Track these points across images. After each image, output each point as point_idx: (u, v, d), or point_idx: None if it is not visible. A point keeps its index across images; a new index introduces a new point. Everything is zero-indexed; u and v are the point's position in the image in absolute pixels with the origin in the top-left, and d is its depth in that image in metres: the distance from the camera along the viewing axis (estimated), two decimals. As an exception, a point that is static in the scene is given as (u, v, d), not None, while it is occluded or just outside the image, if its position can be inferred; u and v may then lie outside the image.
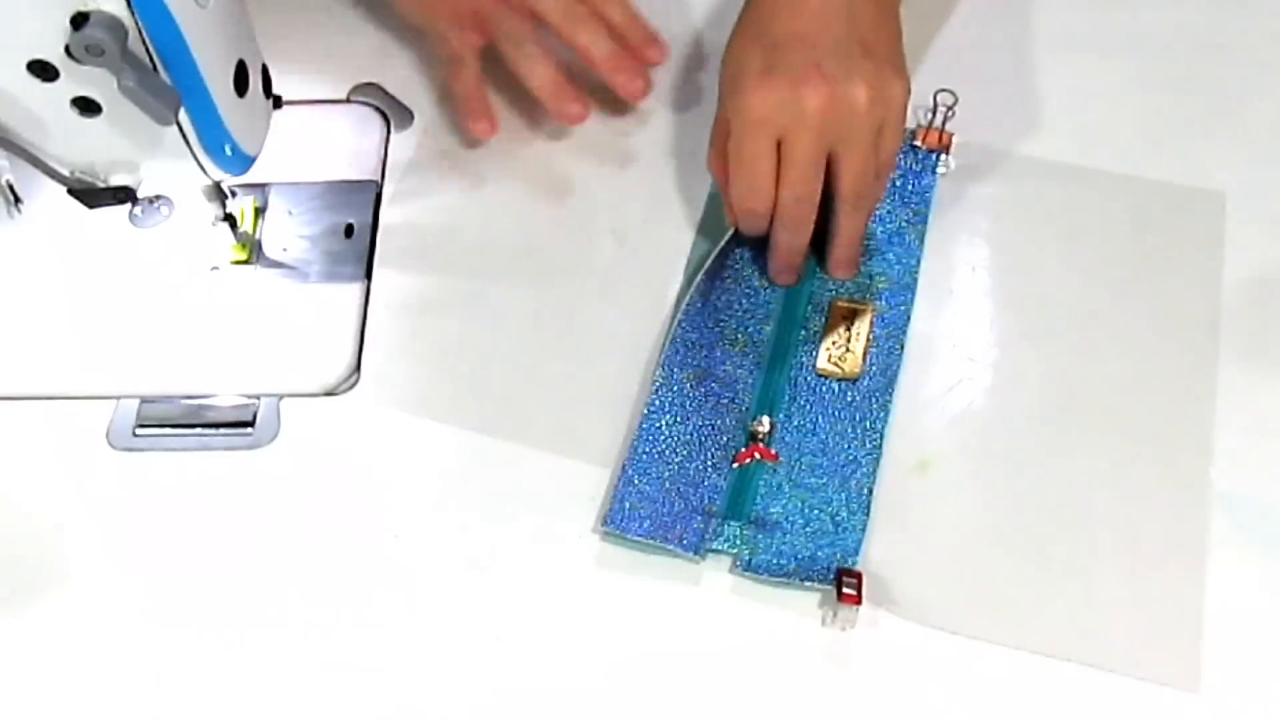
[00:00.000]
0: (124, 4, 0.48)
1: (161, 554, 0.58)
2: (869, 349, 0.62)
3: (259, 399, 0.62)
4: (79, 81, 0.50)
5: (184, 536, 0.59)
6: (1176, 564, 0.56)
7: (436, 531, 0.59)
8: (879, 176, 0.61)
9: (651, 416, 0.59)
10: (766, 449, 0.59)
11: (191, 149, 0.55)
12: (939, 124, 0.67)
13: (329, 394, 0.63)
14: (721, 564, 0.57)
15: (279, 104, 0.60)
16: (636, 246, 0.66)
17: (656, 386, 0.60)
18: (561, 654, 0.55)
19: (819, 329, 0.63)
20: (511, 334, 0.64)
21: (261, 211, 0.67)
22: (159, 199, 0.66)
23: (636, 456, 0.58)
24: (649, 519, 0.57)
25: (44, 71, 0.50)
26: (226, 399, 0.62)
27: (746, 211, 0.61)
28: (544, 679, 0.55)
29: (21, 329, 0.64)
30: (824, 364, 0.61)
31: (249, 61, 0.55)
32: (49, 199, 0.64)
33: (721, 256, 0.64)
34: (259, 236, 0.66)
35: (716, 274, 0.64)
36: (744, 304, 0.63)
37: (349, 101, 0.71)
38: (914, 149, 0.68)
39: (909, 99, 0.60)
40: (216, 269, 0.65)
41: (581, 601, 0.57)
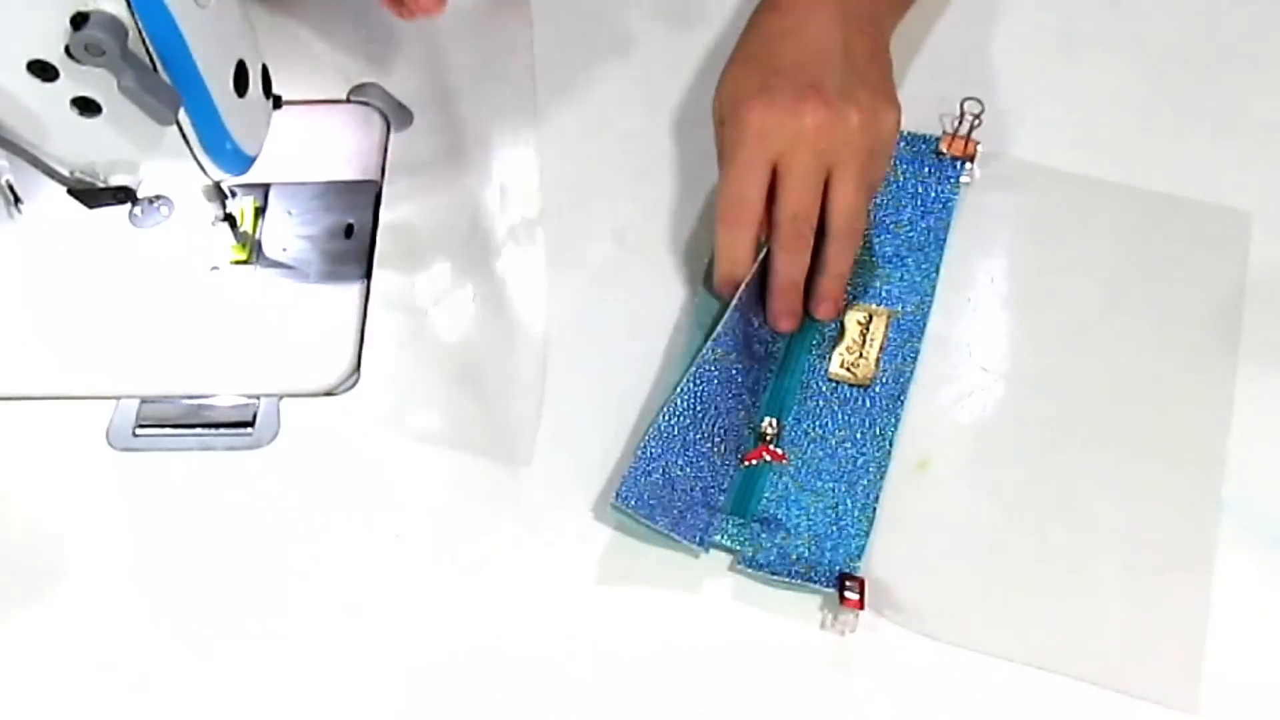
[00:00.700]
0: (124, 4, 0.48)
1: (161, 554, 0.58)
2: (882, 356, 0.62)
3: (259, 399, 0.62)
4: (79, 81, 0.50)
5: (184, 536, 0.59)
6: (1182, 582, 0.56)
7: (436, 531, 0.59)
8: (866, 213, 0.61)
9: (676, 406, 0.58)
10: (775, 450, 0.59)
11: (191, 149, 0.55)
12: (965, 132, 0.67)
13: (329, 394, 0.63)
14: (721, 566, 0.57)
15: (279, 104, 0.60)
16: (636, 246, 0.66)
17: (687, 381, 0.59)
18: (560, 653, 0.56)
19: (834, 334, 0.63)
20: (511, 334, 0.64)
21: (261, 211, 0.67)
22: (159, 199, 0.66)
23: (654, 440, 0.58)
24: (656, 505, 0.57)
25: (44, 71, 0.50)
26: (226, 399, 0.62)
27: (730, 225, 0.60)
28: (543, 678, 0.55)
29: (21, 329, 0.64)
30: (836, 369, 0.61)
31: (249, 61, 0.55)
32: (49, 199, 0.64)
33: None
34: (259, 236, 0.66)
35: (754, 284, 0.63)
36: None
37: (349, 101, 0.71)
38: (939, 157, 0.67)
39: (899, 129, 0.62)
40: (216, 269, 0.65)
41: (581, 601, 0.57)
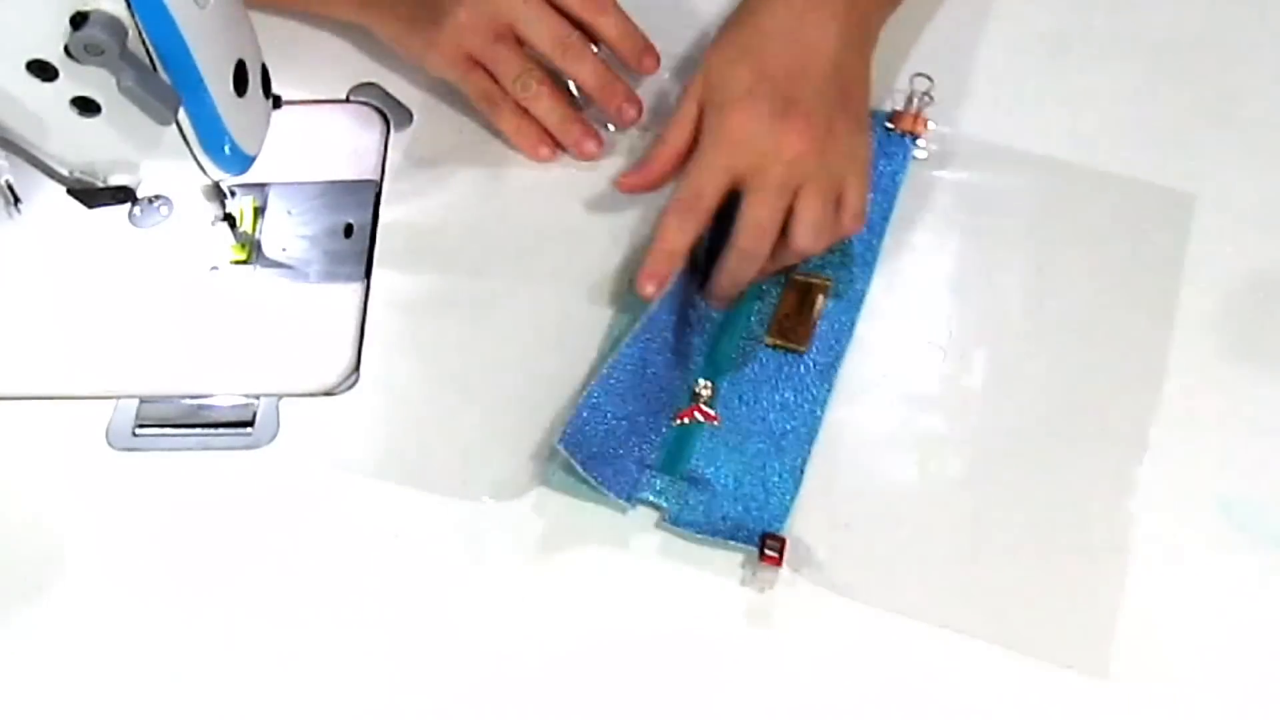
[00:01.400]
0: (124, 4, 0.48)
1: (161, 554, 0.58)
2: (820, 325, 0.63)
3: (259, 399, 0.62)
4: (79, 81, 0.50)
5: (184, 536, 0.59)
6: (1097, 552, 0.58)
7: (436, 531, 0.59)
8: (832, 233, 0.61)
9: (617, 362, 0.59)
10: (708, 410, 0.61)
11: (191, 149, 0.55)
12: (914, 109, 0.68)
13: (329, 394, 0.63)
14: (648, 523, 0.59)
15: (279, 104, 0.60)
16: (635, 247, 0.66)
17: (632, 338, 0.60)
18: (559, 652, 0.56)
19: (774, 301, 0.64)
20: (511, 334, 0.64)
21: (261, 211, 0.67)
22: (158, 199, 0.66)
23: (596, 392, 0.59)
24: (592, 455, 0.58)
25: (44, 71, 0.50)
26: (226, 399, 0.62)
27: (680, 213, 0.61)
28: (542, 678, 0.55)
29: (21, 329, 0.64)
30: (773, 336, 0.62)
31: (249, 61, 0.55)
32: (49, 199, 0.64)
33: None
34: (258, 236, 0.66)
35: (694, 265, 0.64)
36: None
37: (349, 101, 0.71)
38: (888, 132, 0.68)
39: (872, 154, 0.64)
40: (216, 269, 0.65)
41: (524, 578, 0.57)
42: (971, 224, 0.67)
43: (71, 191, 0.57)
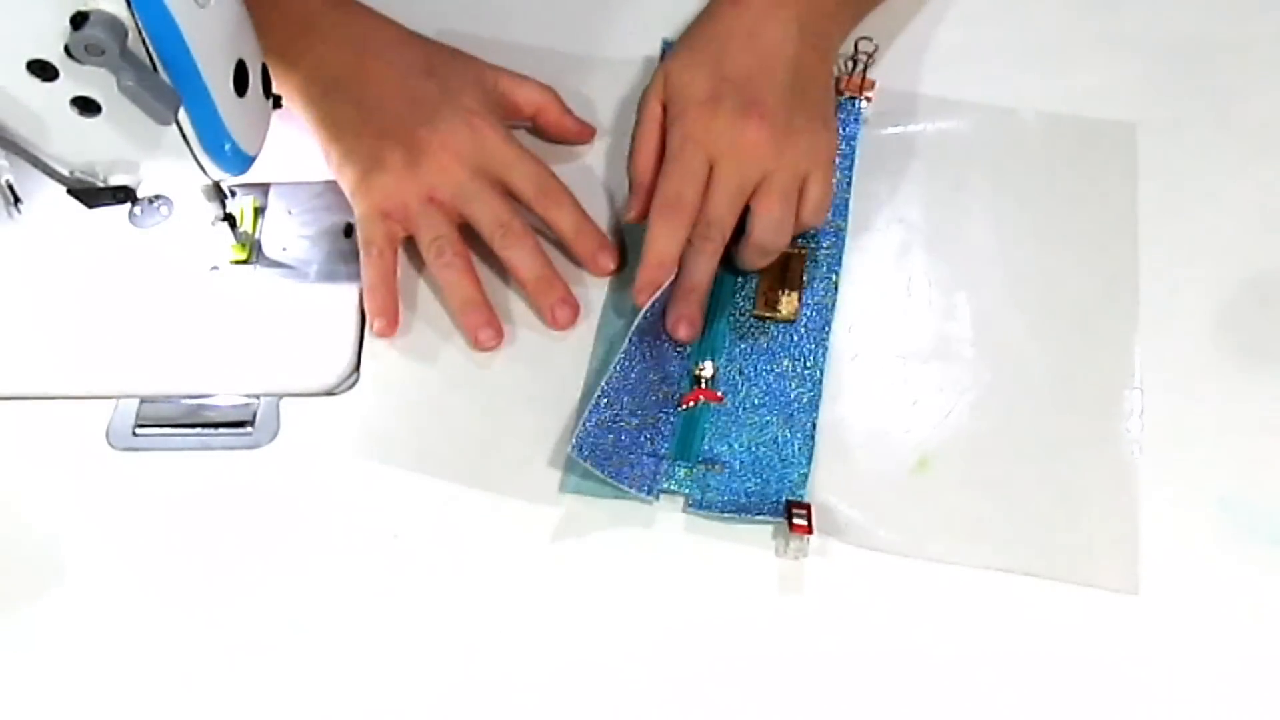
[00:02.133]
0: (124, 4, 0.48)
1: (161, 554, 0.58)
2: (803, 292, 0.64)
3: (259, 399, 0.62)
4: (79, 81, 0.50)
5: (184, 536, 0.59)
6: (1105, 467, 0.59)
7: (435, 531, 0.59)
8: (791, 229, 0.62)
9: (623, 363, 0.60)
10: (711, 391, 0.61)
11: (191, 149, 0.55)
12: (859, 70, 0.69)
13: (329, 394, 0.63)
14: (674, 504, 0.59)
15: (279, 104, 0.60)
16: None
17: (631, 336, 0.60)
18: (556, 650, 0.56)
19: (755, 276, 0.65)
20: (511, 332, 0.64)
21: (261, 211, 0.67)
22: (159, 199, 0.66)
23: (605, 394, 0.59)
24: (609, 457, 0.58)
25: (44, 71, 0.50)
26: (226, 399, 0.62)
27: (666, 218, 0.61)
28: (541, 676, 0.55)
29: (21, 329, 0.64)
30: (761, 309, 0.64)
31: (249, 61, 0.55)
32: (49, 199, 0.64)
33: None
34: (259, 236, 0.66)
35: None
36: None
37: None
38: (838, 95, 0.69)
39: (835, 151, 0.65)
40: (216, 269, 0.65)
41: (542, 569, 0.57)
42: (927, 176, 0.69)
43: (71, 191, 0.57)
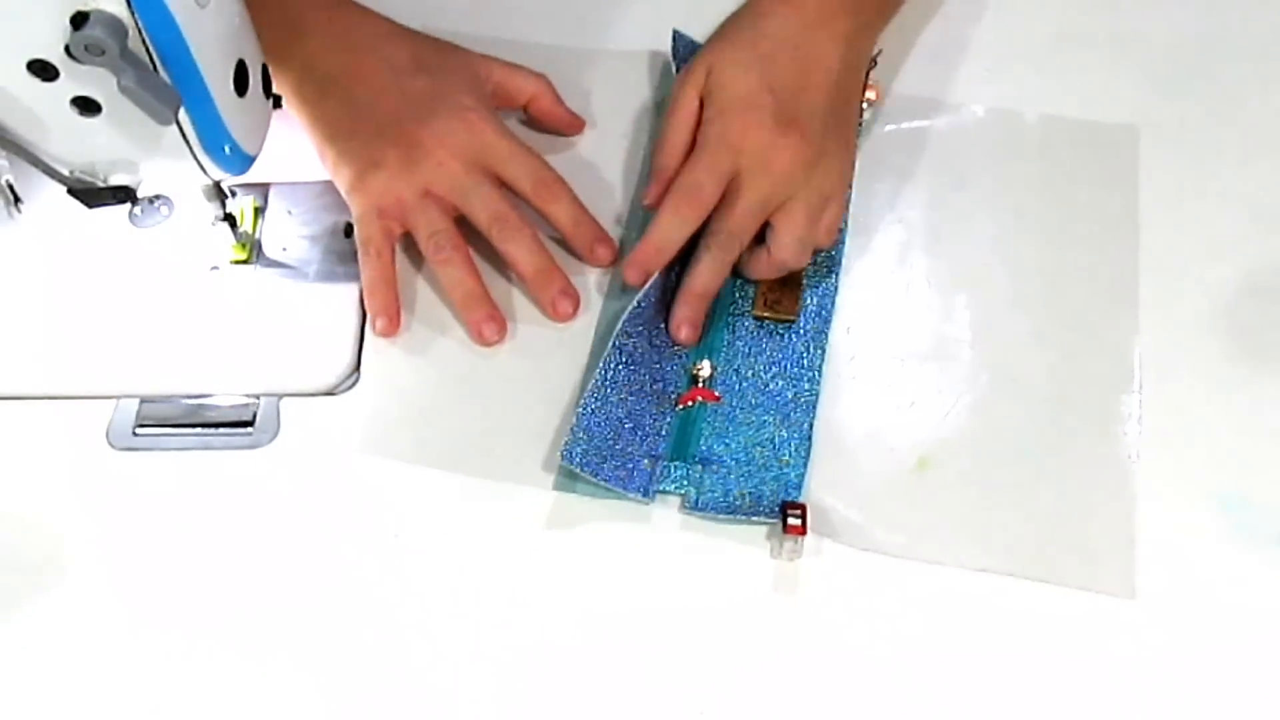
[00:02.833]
0: (124, 4, 0.48)
1: (161, 554, 0.58)
2: (802, 292, 0.64)
3: (259, 399, 0.62)
4: (79, 81, 0.50)
5: (184, 536, 0.59)
6: (1106, 480, 0.59)
7: (436, 531, 0.59)
8: (812, 249, 0.63)
9: (608, 364, 0.60)
10: (709, 390, 0.61)
11: (191, 149, 0.55)
12: (863, 75, 0.68)
13: (329, 394, 0.63)
14: (672, 503, 0.59)
15: (279, 104, 0.60)
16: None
17: (616, 337, 0.60)
18: (556, 649, 0.56)
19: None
20: (511, 332, 0.64)
21: (261, 211, 0.67)
22: (159, 199, 0.66)
23: (591, 398, 0.59)
24: (601, 462, 0.58)
25: (44, 71, 0.50)
26: (226, 399, 0.62)
27: (678, 208, 0.61)
28: (541, 676, 0.55)
29: (21, 329, 0.64)
30: (760, 309, 0.64)
31: (249, 61, 0.55)
32: (49, 199, 0.64)
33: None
34: (259, 236, 0.66)
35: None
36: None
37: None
38: None
39: (853, 177, 0.65)
40: (216, 269, 0.65)
41: (541, 567, 0.58)
42: (928, 177, 0.69)
43: (72, 191, 0.57)
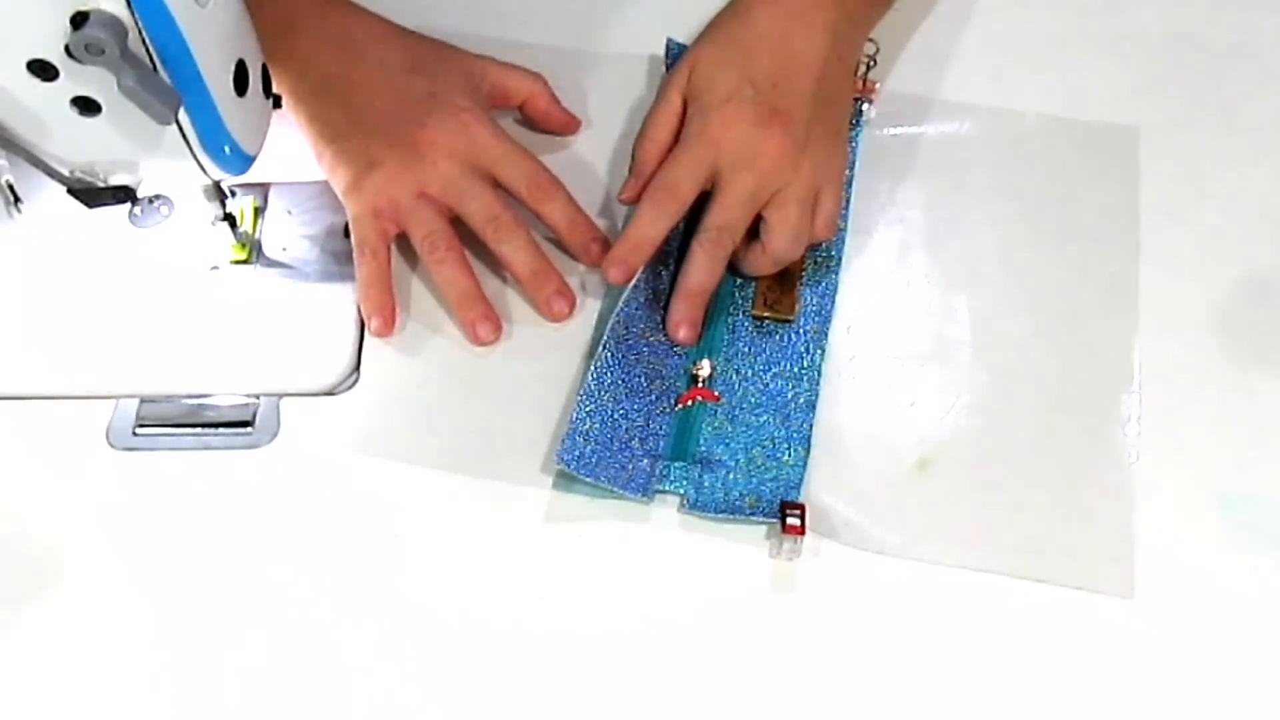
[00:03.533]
0: (124, 3, 0.48)
1: (161, 554, 0.58)
2: (802, 292, 0.64)
3: (259, 398, 0.62)
4: (79, 81, 0.50)
5: (184, 536, 0.59)
6: (1105, 480, 0.59)
7: (436, 531, 0.59)
8: (806, 240, 0.63)
9: (601, 365, 0.60)
10: (708, 390, 0.61)
11: (191, 148, 0.55)
12: (862, 73, 0.69)
13: (329, 394, 0.63)
14: (671, 502, 0.59)
15: (279, 104, 0.60)
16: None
17: (607, 339, 0.61)
18: (557, 649, 0.56)
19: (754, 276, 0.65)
20: (512, 331, 0.64)
21: (261, 211, 0.67)
22: (159, 199, 0.66)
23: (585, 400, 0.59)
24: (598, 463, 0.58)
25: (44, 71, 0.50)
26: (226, 398, 0.62)
27: (656, 203, 0.61)
28: (541, 676, 0.55)
29: (21, 329, 0.64)
30: (759, 308, 0.64)
31: (249, 61, 0.55)
32: (49, 199, 0.64)
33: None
34: (259, 236, 0.66)
35: (667, 250, 0.65)
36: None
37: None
38: None
39: (845, 168, 0.65)
40: (216, 269, 0.65)
41: (540, 567, 0.58)
42: (928, 177, 0.69)
43: (72, 191, 0.57)
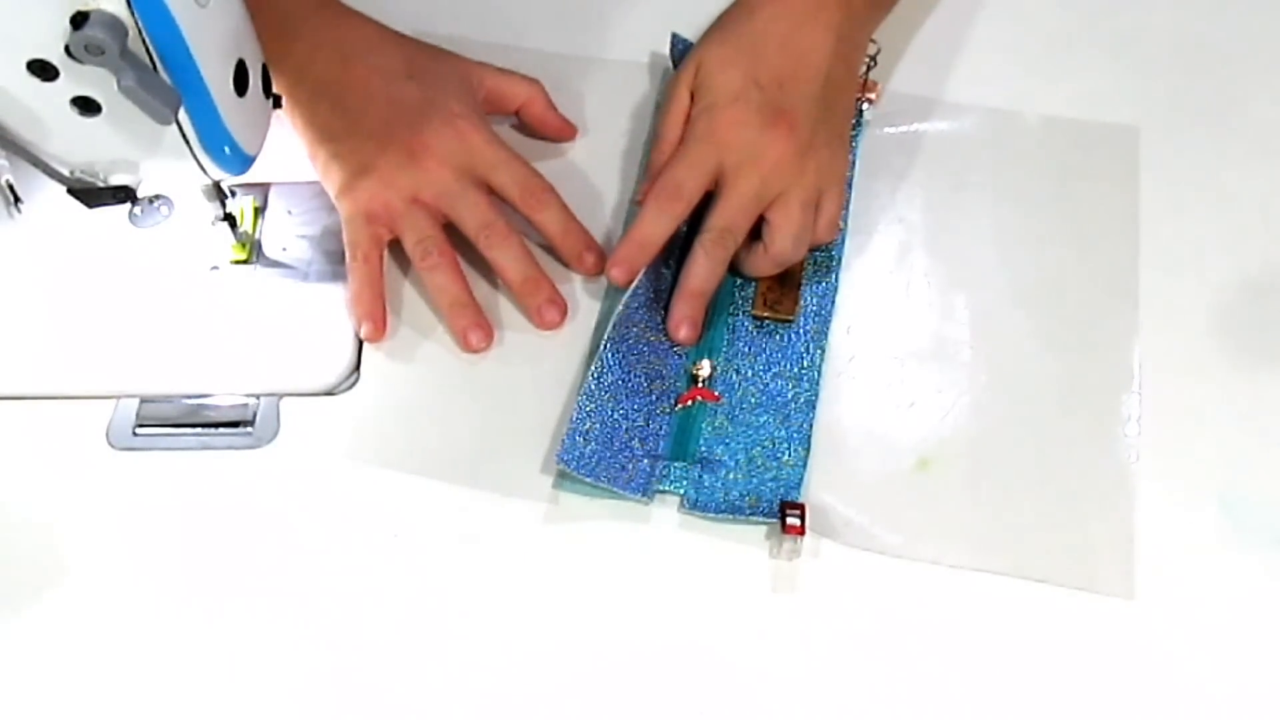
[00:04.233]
0: (124, 3, 0.48)
1: (161, 554, 0.58)
2: (802, 292, 0.64)
3: (259, 399, 0.62)
4: (79, 81, 0.50)
5: (184, 536, 0.59)
6: (1105, 480, 0.59)
7: (436, 531, 0.59)
8: (809, 242, 0.63)
9: (602, 365, 0.60)
10: (708, 390, 0.61)
11: (191, 148, 0.55)
12: (863, 73, 0.69)
13: (329, 394, 0.63)
14: (670, 502, 0.59)
15: (279, 104, 0.60)
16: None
17: (608, 338, 0.61)
18: (557, 648, 0.56)
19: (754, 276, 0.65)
20: (512, 331, 0.64)
21: (261, 211, 0.67)
22: (159, 199, 0.66)
23: (585, 400, 0.59)
24: (598, 463, 0.58)
25: (44, 71, 0.50)
26: (226, 398, 0.62)
27: (660, 204, 0.61)
28: (540, 675, 0.55)
29: (21, 329, 0.64)
30: (759, 309, 0.64)
31: (249, 61, 0.55)
32: (49, 199, 0.64)
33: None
34: (259, 236, 0.66)
35: (668, 251, 0.65)
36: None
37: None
38: None
39: (847, 169, 0.65)
40: (216, 269, 0.65)
41: (540, 567, 0.58)
42: (928, 178, 0.69)
43: (72, 191, 0.57)
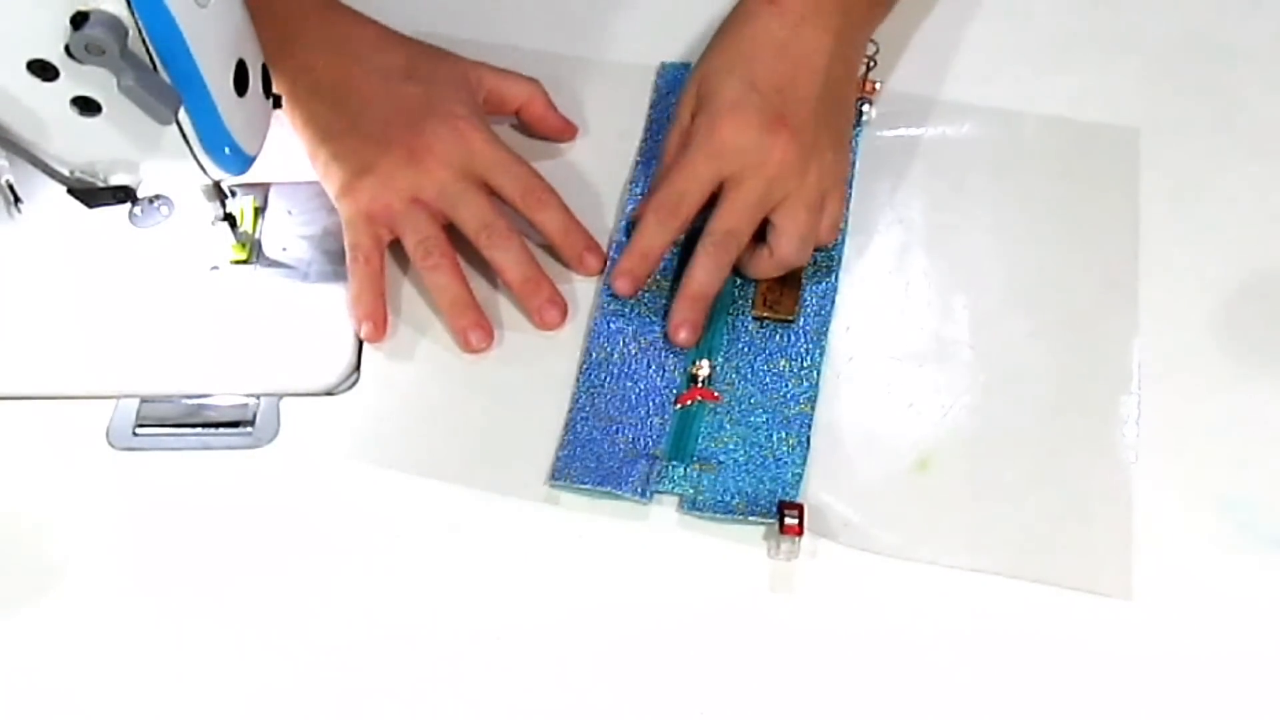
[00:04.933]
0: (124, 3, 0.48)
1: (161, 554, 0.58)
2: (802, 292, 0.64)
3: (259, 399, 0.62)
4: (79, 81, 0.50)
5: (184, 536, 0.59)
6: (1105, 481, 0.59)
7: (436, 531, 0.59)
8: (813, 245, 0.63)
9: (591, 370, 0.60)
10: (708, 390, 0.61)
11: (191, 149, 0.55)
12: (863, 73, 0.68)
13: (329, 394, 0.63)
14: (669, 501, 0.59)
15: (279, 104, 0.60)
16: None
17: (594, 341, 0.61)
18: (557, 648, 0.56)
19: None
20: (512, 331, 0.64)
21: (261, 211, 0.67)
22: (159, 199, 0.66)
23: (579, 410, 0.59)
24: (596, 467, 0.58)
25: (44, 71, 0.50)
26: (226, 398, 0.62)
27: (661, 216, 0.62)
28: (540, 675, 0.55)
29: (21, 329, 0.64)
30: (760, 309, 0.64)
31: (249, 61, 0.55)
32: (49, 199, 0.64)
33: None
34: (259, 236, 0.66)
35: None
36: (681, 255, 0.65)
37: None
38: None
39: (849, 171, 0.65)
40: (216, 269, 0.65)
41: (539, 567, 0.57)
42: (928, 178, 0.69)
43: (72, 191, 0.57)
